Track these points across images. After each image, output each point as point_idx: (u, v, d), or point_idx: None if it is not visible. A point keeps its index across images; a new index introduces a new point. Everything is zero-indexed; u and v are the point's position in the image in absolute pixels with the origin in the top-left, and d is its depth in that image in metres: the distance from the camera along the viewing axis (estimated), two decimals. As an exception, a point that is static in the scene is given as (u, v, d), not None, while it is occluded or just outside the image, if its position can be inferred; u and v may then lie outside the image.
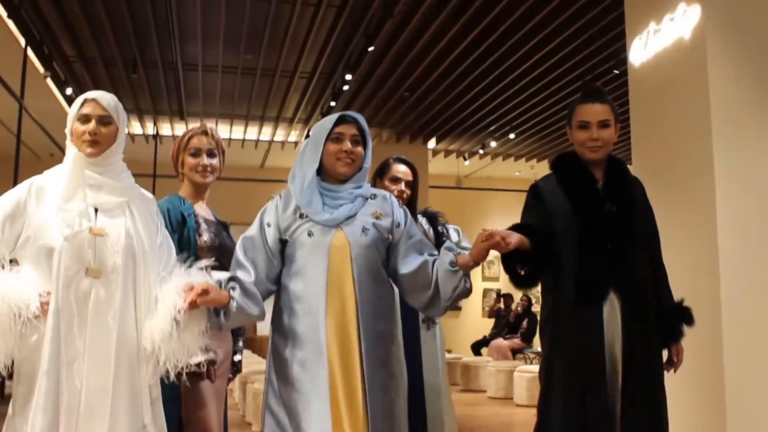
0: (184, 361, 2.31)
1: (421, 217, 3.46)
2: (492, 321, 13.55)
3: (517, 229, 2.54)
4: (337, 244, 2.44)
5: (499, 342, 11.84)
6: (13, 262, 2.31)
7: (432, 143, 13.10)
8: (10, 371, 2.20)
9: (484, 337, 12.83)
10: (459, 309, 14.07)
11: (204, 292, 2.29)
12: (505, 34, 7.92)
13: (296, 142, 13.11)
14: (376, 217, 2.52)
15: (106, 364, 2.22)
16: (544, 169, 2.97)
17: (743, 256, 4.53)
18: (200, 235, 2.87)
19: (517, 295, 12.47)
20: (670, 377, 2.68)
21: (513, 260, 2.57)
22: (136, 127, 12.22)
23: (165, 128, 12.39)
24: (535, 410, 2.67)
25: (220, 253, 2.87)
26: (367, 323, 2.40)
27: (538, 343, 2.84)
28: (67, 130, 2.42)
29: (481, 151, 13.42)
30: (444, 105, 10.69)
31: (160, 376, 2.32)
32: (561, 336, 2.59)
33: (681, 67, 4.98)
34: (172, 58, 8.89)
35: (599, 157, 2.69)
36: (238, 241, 2.56)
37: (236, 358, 3.07)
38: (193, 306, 2.28)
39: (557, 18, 7.45)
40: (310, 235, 2.45)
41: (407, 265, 2.51)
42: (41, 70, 8.89)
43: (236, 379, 7.33)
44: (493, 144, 12.84)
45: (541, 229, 2.59)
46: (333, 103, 10.14)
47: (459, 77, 9.36)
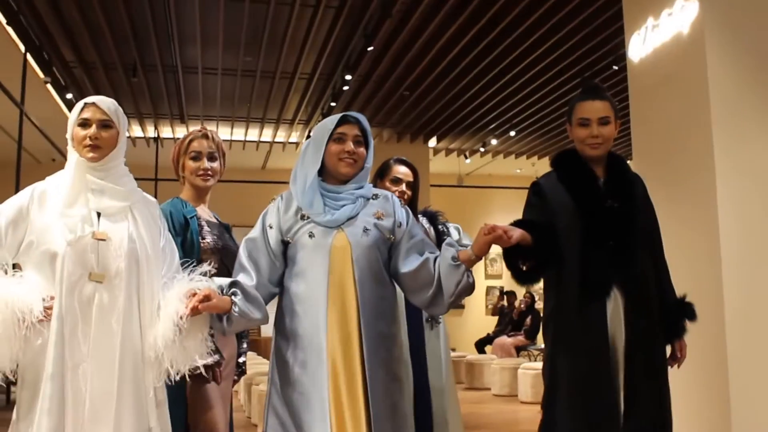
0: (190, 367, 2.32)
1: (421, 217, 3.46)
2: (495, 319, 13.55)
3: (518, 224, 2.54)
4: (338, 245, 2.43)
5: (503, 339, 11.84)
6: (16, 267, 2.32)
7: (433, 142, 13.10)
8: (15, 376, 2.21)
9: (488, 334, 12.83)
10: (462, 307, 14.09)
11: (206, 298, 2.29)
12: (503, 31, 7.92)
13: (297, 143, 13.11)
14: (378, 218, 2.51)
15: (110, 368, 2.22)
16: (545, 167, 2.98)
17: (745, 251, 4.53)
18: (203, 238, 2.87)
19: (521, 292, 12.47)
20: (674, 372, 2.68)
21: (515, 256, 2.57)
22: (137, 131, 12.24)
23: (166, 131, 12.41)
24: (540, 407, 2.67)
25: (223, 255, 2.88)
26: (368, 324, 2.40)
27: (542, 340, 2.84)
28: (68, 135, 2.42)
29: (482, 149, 13.42)
30: (444, 104, 10.69)
31: (164, 379, 2.33)
32: (564, 333, 2.59)
33: (680, 62, 4.98)
34: (172, 61, 8.90)
35: (600, 154, 2.69)
36: (242, 243, 2.56)
37: (241, 359, 3.07)
38: (195, 312, 2.28)
39: (555, 15, 7.45)
40: (311, 236, 2.45)
41: (409, 264, 2.50)
42: (41, 75, 8.91)
43: (241, 381, 7.32)
44: (494, 142, 12.84)
45: (542, 224, 2.59)
46: (333, 104, 10.15)
47: (459, 76, 9.37)
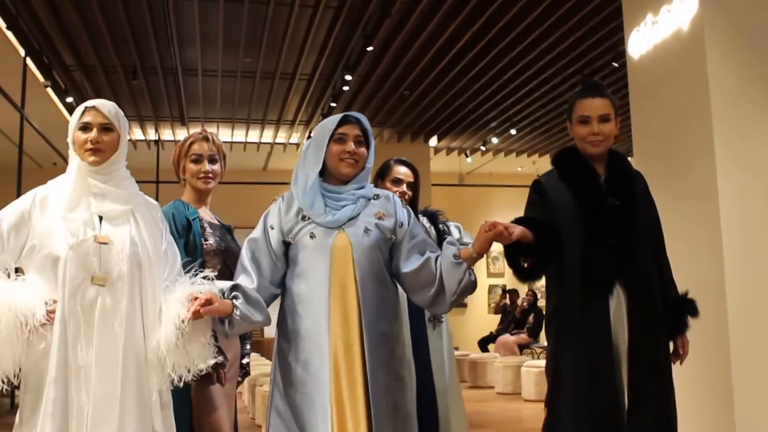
0: (193, 370, 2.32)
1: (421, 217, 3.46)
2: (498, 317, 13.54)
3: (520, 222, 2.54)
4: (339, 245, 2.43)
5: (506, 338, 11.83)
6: (19, 271, 2.32)
7: (433, 141, 13.09)
8: (18, 380, 2.21)
9: (491, 333, 12.82)
10: (465, 306, 14.08)
11: (207, 302, 2.29)
12: (503, 30, 7.92)
13: (298, 144, 13.12)
14: (379, 218, 2.51)
15: (113, 371, 2.22)
16: (546, 165, 2.98)
17: (747, 245, 4.53)
18: (206, 239, 2.87)
19: (523, 290, 12.46)
20: (677, 369, 2.68)
21: (516, 253, 2.57)
22: (137, 134, 12.24)
23: (167, 134, 12.41)
24: (544, 405, 2.67)
25: (226, 257, 2.88)
26: (369, 324, 2.40)
27: (545, 338, 2.84)
28: (69, 139, 2.42)
29: (483, 148, 13.42)
30: (444, 103, 10.68)
31: (168, 383, 2.33)
32: (567, 331, 2.59)
33: (680, 58, 4.98)
34: (172, 63, 8.90)
35: (600, 152, 2.69)
36: (244, 243, 2.56)
37: (244, 361, 3.07)
38: (196, 316, 2.28)
39: (555, 13, 7.45)
40: (312, 237, 2.45)
41: (410, 264, 2.50)
42: (41, 79, 8.91)
43: (245, 382, 7.34)
44: (495, 140, 12.83)
45: (544, 221, 2.59)
46: (333, 104, 10.15)
47: (458, 74, 9.36)
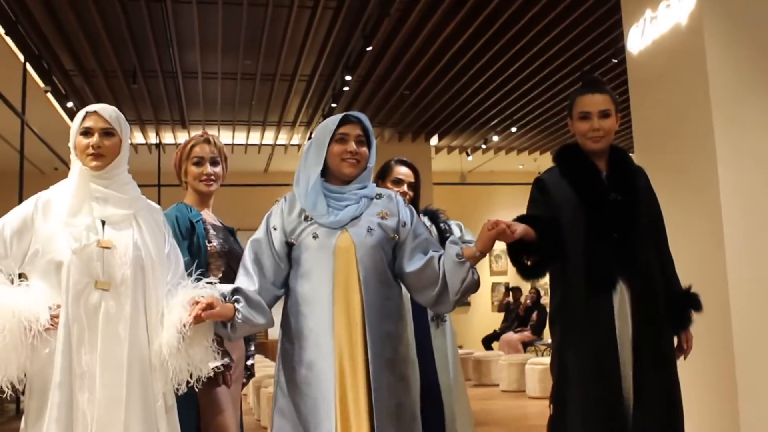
0: (195, 374, 2.32)
1: (422, 216, 3.46)
2: (501, 315, 13.54)
3: (522, 220, 2.55)
4: (342, 245, 2.43)
5: (510, 335, 11.84)
6: (22, 276, 2.33)
7: (434, 140, 13.09)
8: (23, 386, 2.21)
9: (495, 331, 12.82)
10: (468, 305, 14.07)
11: (209, 306, 2.29)
12: (502, 28, 7.91)
13: (299, 146, 13.12)
14: (382, 217, 2.51)
15: (118, 375, 2.23)
16: (547, 162, 2.98)
17: (749, 238, 4.52)
18: (209, 242, 2.87)
19: (526, 288, 12.46)
20: (681, 362, 2.68)
21: (519, 251, 2.57)
22: (138, 138, 12.24)
23: (167, 137, 12.41)
24: (549, 402, 2.67)
25: (230, 258, 2.89)
26: (373, 324, 2.40)
27: (549, 335, 2.84)
28: (71, 144, 2.42)
29: (484, 146, 13.41)
30: (445, 101, 10.68)
31: (173, 387, 2.34)
32: (571, 327, 2.59)
33: (679, 53, 4.98)
34: (172, 66, 8.91)
35: (601, 147, 2.69)
36: (247, 245, 2.56)
37: (249, 362, 3.08)
38: (198, 320, 2.28)
39: (553, 10, 7.44)
40: (315, 237, 2.45)
41: (413, 264, 2.50)
42: (41, 84, 8.91)
43: (250, 384, 7.34)
44: (496, 138, 12.83)
45: (546, 219, 2.59)
46: (334, 105, 10.14)
47: (458, 73, 9.36)
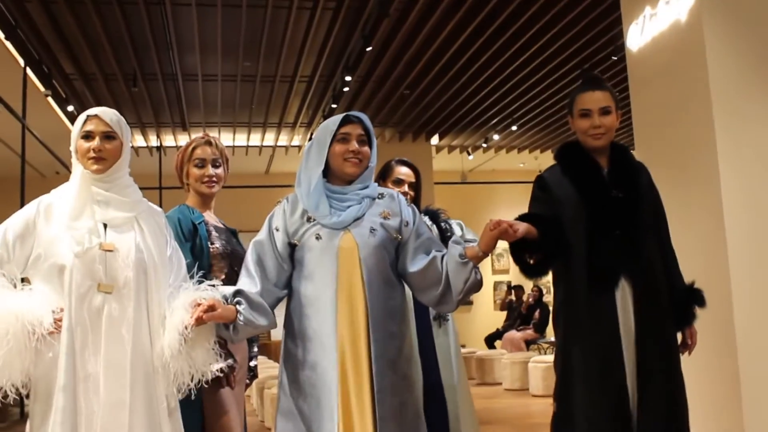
0: (197, 377, 2.33)
1: (423, 216, 3.46)
2: (504, 313, 13.55)
3: (524, 218, 2.55)
4: (346, 246, 2.43)
5: (512, 334, 11.84)
6: (25, 281, 2.33)
7: (435, 140, 13.09)
8: (27, 389, 2.22)
9: (497, 329, 12.83)
10: (470, 303, 14.08)
11: (210, 308, 2.30)
12: (501, 27, 7.91)
13: (300, 146, 13.13)
14: (384, 217, 2.51)
15: (122, 377, 2.23)
16: (548, 160, 2.98)
17: (750, 233, 4.52)
18: (212, 243, 2.88)
19: (528, 286, 12.47)
20: (684, 358, 2.68)
21: (522, 250, 2.57)
22: (139, 140, 12.25)
23: (168, 140, 12.42)
24: (552, 399, 2.67)
25: (233, 260, 2.89)
26: (377, 324, 2.39)
27: (552, 333, 2.84)
28: (72, 148, 2.43)
29: (485, 145, 13.41)
30: (445, 101, 10.68)
31: (176, 390, 2.34)
32: (575, 324, 2.59)
33: (679, 50, 4.97)
34: (172, 69, 8.91)
35: (603, 144, 2.69)
36: (249, 246, 2.56)
37: (252, 363, 3.08)
38: (199, 322, 2.29)
39: (553, 8, 7.44)
40: (318, 238, 2.44)
41: (417, 263, 2.50)
42: (42, 89, 8.93)
43: (253, 385, 7.35)
44: (496, 137, 12.82)
45: (548, 217, 2.59)
46: (334, 106, 10.15)
47: (458, 72, 9.36)
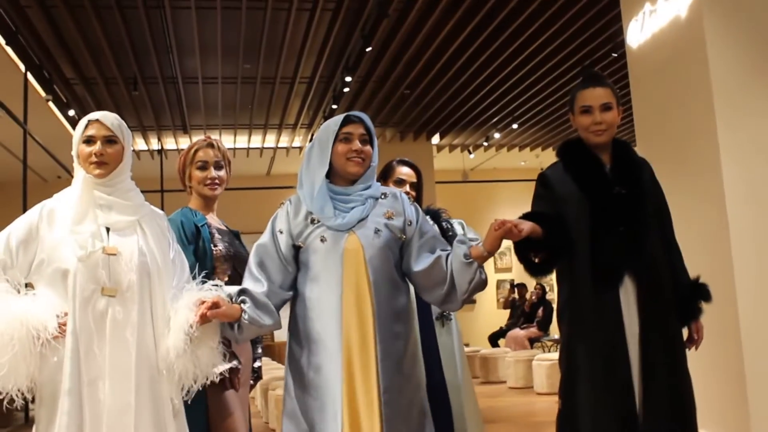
0: (202, 377, 2.33)
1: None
2: (507, 312, 13.54)
3: (528, 217, 2.54)
4: (351, 248, 2.43)
5: (516, 332, 11.83)
6: (28, 286, 2.33)
7: (436, 139, 13.09)
8: (32, 394, 2.22)
9: (501, 328, 12.82)
10: (474, 302, 14.06)
11: (214, 305, 2.30)
12: (501, 25, 7.92)
13: (301, 148, 13.13)
14: (388, 218, 2.51)
15: (127, 380, 2.23)
16: (550, 158, 2.98)
17: (754, 227, 4.52)
18: (215, 245, 2.88)
19: (531, 284, 12.45)
20: (689, 354, 2.67)
21: (526, 248, 2.57)
22: (140, 144, 12.27)
23: (169, 143, 12.44)
24: (557, 397, 2.67)
25: (236, 262, 2.89)
26: (383, 325, 2.39)
27: (555, 331, 2.83)
28: (74, 153, 2.43)
29: (486, 144, 13.41)
30: (445, 100, 10.69)
31: (181, 391, 2.34)
32: (579, 321, 2.59)
33: (679, 46, 4.97)
34: (172, 72, 8.92)
35: (604, 141, 2.68)
36: (252, 250, 2.56)
37: (256, 364, 3.08)
38: (204, 320, 2.29)
39: (552, 6, 7.44)
40: (322, 240, 2.44)
41: (421, 263, 2.50)
42: (42, 94, 8.94)
43: (257, 387, 7.35)
44: (497, 135, 12.82)
45: (552, 215, 2.59)
46: (335, 106, 10.15)
47: (458, 71, 9.36)
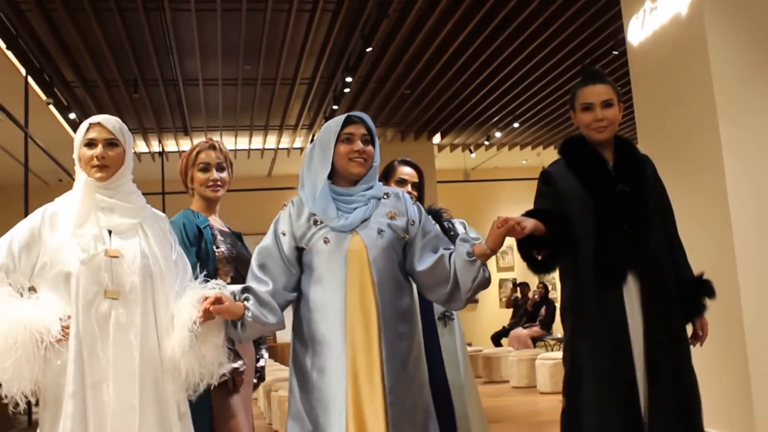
0: (208, 376, 2.33)
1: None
2: (510, 311, 13.53)
3: (531, 214, 2.54)
4: (354, 249, 2.43)
5: (519, 331, 11.81)
6: (31, 290, 2.33)
7: (437, 138, 13.09)
8: (35, 397, 2.22)
9: (503, 327, 12.81)
10: (476, 302, 14.06)
11: (217, 300, 2.30)
12: (501, 24, 7.91)
13: (302, 149, 13.13)
14: (391, 218, 2.51)
15: (130, 382, 2.23)
16: (551, 156, 2.97)
17: (756, 223, 4.53)
18: (217, 247, 2.88)
19: (534, 283, 12.45)
20: (693, 350, 2.67)
21: (529, 246, 2.57)
22: (141, 146, 12.27)
23: (170, 145, 12.44)
24: (560, 396, 2.66)
25: (238, 264, 2.89)
26: (388, 326, 2.39)
27: (558, 329, 2.83)
28: (75, 156, 2.43)
29: (487, 143, 13.40)
30: (446, 99, 10.68)
31: (187, 392, 2.34)
32: (583, 319, 2.58)
33: (680, 43, 4.97)
34: (172, 74, 8.93)
35: (606, 138, 2.68)
36: (254, 253, 2.55)
37: (259, 364, 3.08)
38: (207, 315, 2.29)
39: (552, 4, 7.44)
40: (326, 242, 2.44)
41: (424, 262, 2.50)
42: (43, 97, 8.95)
43: (260, 388, 7.34)
44: (498, 134, 12.82)
45: (555, 212, 2.58)
46: (335, 107, 10.15)
47: (459, 71, 9.36)
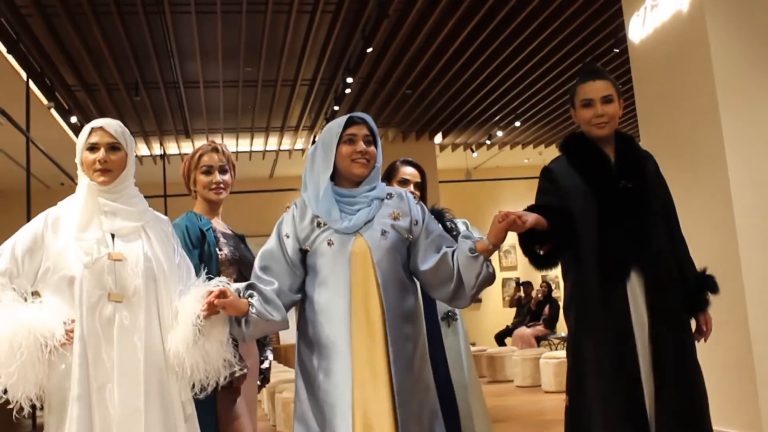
0: (214, 373, 2.33)
1: None
2: (513, 310, 13.52)
3: (532, 210, 2.54)
4: (358, 250, 2.43)
5: (523, 330, 11.80)
6: (35, 294, 2.34)
7: (438, 138, 13.09)
8: (41, 401, 2.22)
9: (507, 326, 12.79)
10: (479, 301, 14.06)
11: (221, 294, 2.31)
12: (501, 23, 7.91)
13: (303, 150, 13.13)
14: (394, 218, 2.51)
15: (135, 385, 2.23)
16: (553, 155, 2.97)
17: (759, 218, 4.52)
18: (220, 249, 2.88)
19: (537, 282, 12.44)
20: (698, 346, 2.66)
21: (531, 241, 2.57)
22: (142, 149, 12.28)
23: (172, 148, 12.44)
24: (564, 395, 2.66)
25: (241, 266, 2.89)
26: (394, 327, 2.39)
27: (562, 328, 2.83)
28: (77, 160, 2.44)
29: (488, 142, 13.39)
30: (447, 99, 10.68)
31: (192, 393, 2.34)
32: (586, 316, 2.58)
33: (681, 40, 4.96)
34: (173, 77, 8.93)
35: (607, 133, 2.68)
36: (257, 256, 2.55)
37: (263, 366, 3.08)
38: (211, 309, 2.30)
39: (553, 2, 7.43)
40: (330, 244, 2.44)
41: (428, 261, 2.50)
42: (44, 101, 8.96)
43: (264, 390, 7.34)
44: (500, 134, 12.81)
45: (557, 207, 2.58)
46: (336, 108, 10.15)
47: (459, 70, 9.36)
